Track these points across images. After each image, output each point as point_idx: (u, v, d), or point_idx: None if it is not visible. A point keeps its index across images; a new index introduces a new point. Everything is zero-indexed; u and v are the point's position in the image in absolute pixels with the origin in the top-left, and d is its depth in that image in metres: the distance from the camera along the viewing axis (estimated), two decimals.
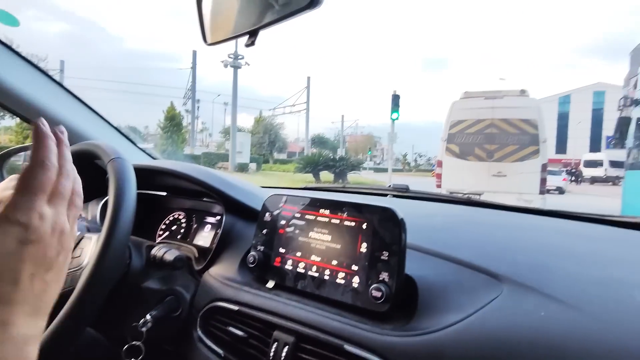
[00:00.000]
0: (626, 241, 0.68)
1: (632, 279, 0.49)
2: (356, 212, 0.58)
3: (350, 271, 0.56)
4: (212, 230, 0.86)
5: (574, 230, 0.75)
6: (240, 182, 0.86)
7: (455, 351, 0.45)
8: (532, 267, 0.53)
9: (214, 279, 0.70)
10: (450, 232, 0.71)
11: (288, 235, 0.64)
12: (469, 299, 0.50)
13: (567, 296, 0.46)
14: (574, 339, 0.41)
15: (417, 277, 0.54)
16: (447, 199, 1.11)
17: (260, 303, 0.61)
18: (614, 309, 0.44)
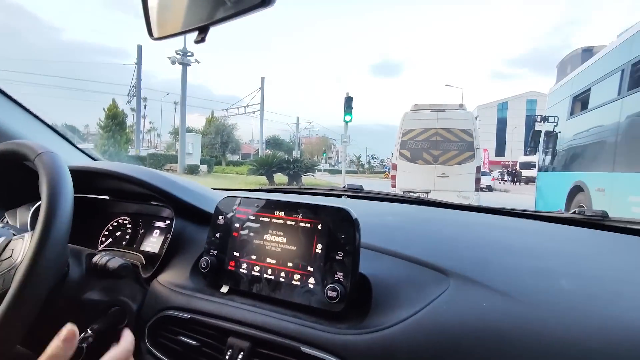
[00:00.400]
0: (554, 234, 0.76)
1: (559, 268, 0.55)
2: (311, 213, 0.58)
3: (306, 272, 0.56)
4: (161, 236, 0.81)
5: (510, 225, 0.82)
6: (190, 184, 0.83)
7: (408, 345, 0.47)
8: (476, 262, 0.56)
9: (164, 287, 0.66)
10: (402, 230, 0.74)
11: (242, 238, 0.62)
12: (420, 294, 0.52)
13: (506, 287, 0.50)
14: (512, 326, 0.45)
15: (370, 275, 0.56)
16: (399, 198, 1.15)
17: (213, 309, 0.59)
18: (545, 297, 0.48)
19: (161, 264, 0.71)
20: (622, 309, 0.45)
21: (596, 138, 4.42)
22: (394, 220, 0.80)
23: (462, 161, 6.45)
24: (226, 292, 0.62)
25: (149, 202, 0.88)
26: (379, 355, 0.48)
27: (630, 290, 0.48)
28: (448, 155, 6.53)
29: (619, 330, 0.42)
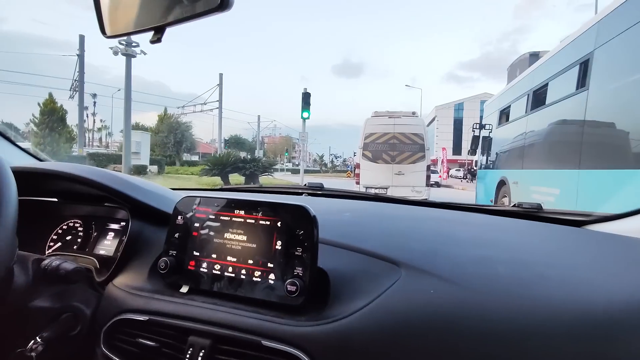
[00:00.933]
0: (495, 225, 0.83)
1: (497, 256, 0.61)
2: (271, 211, 0.60)
3: (266, 268, 0.57)
4: (116, 238, 0.79)
5: (458, 218, 0.88)
6: (147, 184, 0.81)
7: (363, 332, 0.50)
8: (425, 253, 0.61)
9: (120, 290, 0.65)
10: (358, 226, 0.78)
11: (202, 238, 0.63)
12: (374, 285, 0.55)
13: (450, 275, 0.55)
14: (455, 309, 0.50)
15: (329, 269, 0.58)
16: (357, 195, 1.19)
17: (172, 310, 0.59)
18: (484, 282, 0.54)
19: (117, 266, 0.69)
20: (546, 289, 0.51)
21: (513, 144, 5.53)
22: (351, 216, 0.83)
23: (415, 161, 7.52)
24: (186, 292, 0.62)
25: (102, 203, 0.84)
26: (337, 344, 0.50)
27: (554, 273, 0.55)
28: (403, 156, 7.56)
29: (542, 308, 0.48)
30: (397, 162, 7.55)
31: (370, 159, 7.65)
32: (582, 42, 3.55)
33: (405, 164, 7.53)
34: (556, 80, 4.17)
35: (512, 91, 5.86)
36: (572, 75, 3.70)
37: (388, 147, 7.60)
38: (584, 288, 0.51)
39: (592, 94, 3.26)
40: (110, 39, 0.55)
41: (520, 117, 5.28)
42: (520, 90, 5.36)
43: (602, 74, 3.20)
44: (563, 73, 3.97)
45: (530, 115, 4.88)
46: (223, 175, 12.52)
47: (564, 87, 3.90)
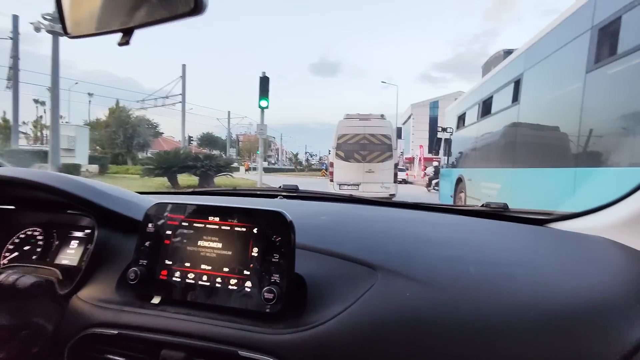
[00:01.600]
0: (465, 225, 0.86)
1: (468, 256, 0.63)
2: (246, 217, 0.59)
3: (242, 276, 0.56)
4: (81, 247, 0.75)
5: (429, 219, 0.91)
6: (113, 189, 0.77)
7: (341, 337, 0.51)
8: (400, 255, 0.62)
9: (85, 303, 0.61)
10: (334, 229, 0.78)
11: (175, 246, 0.61)
12: (351, 289, 0.56)
13: (424, 276, 0.56)
14: (429, 310, 0.51)
15: (306, 275, 0.58)
16: (332, 197, 1.20)
17: (143, 322, 0.57)
18: (455, 282, 0.55)
19: (82, 278, 0.65)
20: (513, 288, 0.54)
21: (468, 146, 6.31)
22: (328, 219, 0.84)
23: (384, 160, 8.25)
24: (158, 303, 0.59)
25: (64, 210, 0.80)
26: (315, 350, 0.50)
27: (520, 272, 0.58)
28: (373, 155, 8.26)
29: (510, 306, 0.50)
30: (368, 161, 8.22)
31: (343, 158, 8.29)
32: (516, 64, 4.40)
33: (375, 162, 8.21)
34: (497, 94, 4.98)
35: (467, 100, 6.66)
36: (508, 91, 4.52)
37: (359, 147, 8.27)
38: (546, 286, 0.54)
39: (523, 107, 4.08)
40: (74, 39, 0.52)
41: (473, 123, 6.02)
42: (473, 100, 6.12)
43: (529, 92, 4.00)
44: (502, 89, 4.76)
45: (480, 121, 5.65)
46: (170, 176, 10.99)
47: (503, 100, 4.70)
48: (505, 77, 4.72)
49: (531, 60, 3.99)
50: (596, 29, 2.83)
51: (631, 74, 2.45)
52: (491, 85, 5.27)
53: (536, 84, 3.94)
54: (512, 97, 4.38)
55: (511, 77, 4.47)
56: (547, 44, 3.69)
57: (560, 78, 3.47)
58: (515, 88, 4.27)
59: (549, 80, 3.71)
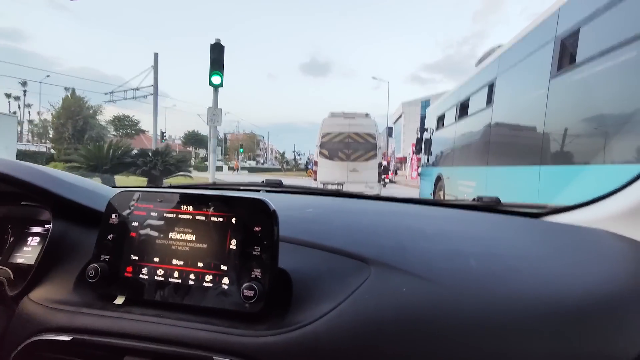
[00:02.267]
0: (459, 218, 0.82)
1: (467, 250, 0.58)
2: (224, 206, 0.52)
3: (219, 272, 0.50)
4: (40, 244, 0.66)
5: (421, 213, 0.86)
6: (74, 178, 0.69)
7: (330, 339, 0.45)
8: (394, 249, 0.57)
9: (37, 305, 0.53)
10: (322, 222, 0.72)
11: (142, 239, 0.53)
12: (341, 285, 0.50)
13: (422, 271, 0.51)
14: (429, 307, 0.46)
15: (291, 270, 0.52)
16: (318, 191, 1.14)
17: (104, 326, 0.49)
18: (456, 277, 0.51)
19: (34, 277, 0.57)
20: (519, 282, 0.49)
21: (446, 146, 6.49)
22: (314, 212, 0.78)
23: (368, 159, 8.06)
24: (122, 304, 0.52)
25: (18, 202, 0.71)
26: (301, 354, 0.44)
27: (524, 265, 0.54)
28: (357, 154, 8.08)
29: (517, 302, 0.46)
30: (352, 160, 8.06)
31: (327, 156, 8.11)
32: (490, 69, 4.62)
33: (359, 161, 8.05)
34: (474, 97, 5.20)
35: (446, 101, 6.81)
36: (483, 94, 4.72)
37: (343, 145, 8.10)
38: (554, 280, 0.50)
39: (495, 109, 4.31)
40: None
41: (451, 124, 6.23)
42: (451, 102, 6.31)
43: (501, 95, 4.25)
44: (478, 92, 4.98)
45: (458, 122, 5.87)
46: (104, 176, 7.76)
47: (479, 102, 4.91)
48: (480, 80, 4.97)
49: (503, 66, 4.23)
50: (558, 40, 3.03)
51: (589, 80, 2.65)
52: (468, 89, 5.49)
53: (507, 88, 4.19)
54: (486, 100, 4.60)
55: (485, 81, 4.70)
56: (517, 52, 3.94)
57: (527, 83, 3.70)
58: (489, 91, 4.50)
59: (518, 85, 3.95)
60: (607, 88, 2.51)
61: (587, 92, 2.70)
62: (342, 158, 8.08)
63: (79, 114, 23.95)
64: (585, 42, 2.73)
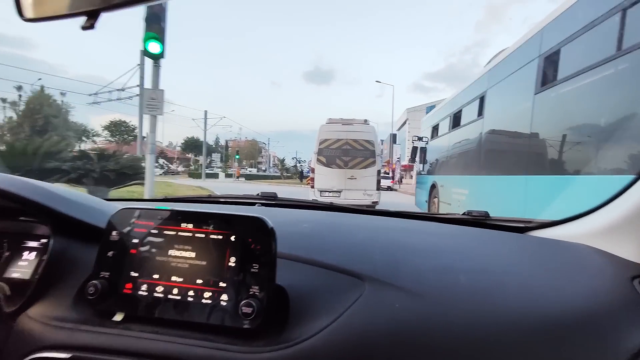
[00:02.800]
0: (449, 233, 0.84)
1: (457, 265, 0.60)
2: (224, 224, 0.54)
3: (218, 288, 0.51)
4: (36, 258, 0.67)
5: (413, 228, 0.89)
6: (73, 194, 0.70)
7: (327, 354, 0.46)
8: (387, 264, 0.59)
9: (35, 322, 0.54)
10: (317, 238, 0.74)
11: (142, 256, 0.55)
12: (337, 301, 0.52)
13: (414, 286, 0.53)
14: (420, 322, 0.48)
15: (288, 286, 0.54)
16: (312, 205, 1.16)
17: (103, 343, 0.50)
18: (446, 292, 0.53)
19: (33, 293, 0.57)
20: (506, 298, 0.52)
21: (441, 155, 6.76)
22: (309, 227, 0.80)
23: (367, 166, 7.91)
24: (121, 321, 0.53)
25: (16, 218, 0.71)
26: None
27: (511, 280, 0.56)
28: (356, 161, 7.94)
29: (503, 317, 0.48)
30: (350, 167, 7.90)
31: (325, 163, 7.95)
32: (480, 83, 4.92)
33: (357, 169, 7.90)
34: (466, 109, 5.47)
35: (440, 112, 7.10)
36: (474, 107, 5.00)
37: (341, 152, 7.96)
38: (538, 294, 0.53)
39: (487, 119, 4.57)
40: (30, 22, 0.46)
41: (445, 134, 6.48)
42: (445, 112, 6.55)
43: (492, 107, 4.52)
44: (470, 104, 5.25)
45: (451, 133, 6.10)
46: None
47: (470, 114, 5.21)
48: (471, 93, 5.22)
49: (492, 80, 4.49)
50: (542, 58, 3.27)
51: (570, 95, 2.87)
52: (460, 100, 5.76)
53: (496, 101, 4.46)
54: (477, 112, 4.88)
55: (476, 94, 4.98)
56: (505, 68, 4.18)
57: (514, 97, 3.95)
58: (480, 104, 4.79)
59: (506, 99, 4.22)
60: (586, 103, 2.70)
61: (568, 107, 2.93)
62: (340, 165, 7.92)
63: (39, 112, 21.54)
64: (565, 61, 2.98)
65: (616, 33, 2.36)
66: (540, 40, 3.29)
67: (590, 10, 2.62)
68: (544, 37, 3.25)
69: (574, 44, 2.81)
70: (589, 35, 2.62)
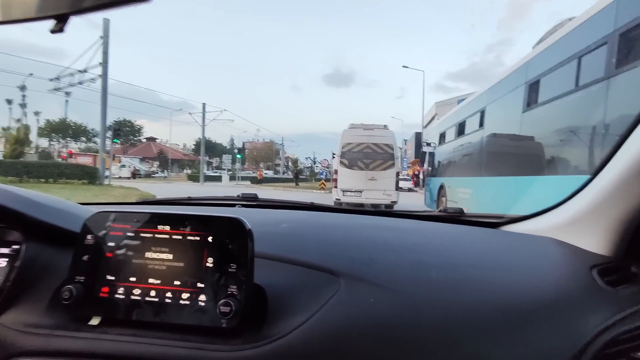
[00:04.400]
0: (425, 230, 0.87)
1: (430, 260, 0.63)
2: (201, 225, 0.54)
3: (196, 289, 0.52)
4: (7, 265, 0.65)
5: (391, 225, 0.91)
6: (46, 198, 0.69)
7: (304, 349, 0.48)
8: (363, 261, 0.61)
9: (8, 329, 0.53)
10: (295, 237, 0.75)
11: (119, 259, 0.54)
12: (314, 298, 0.53)
13: (388, 281, 0.55)
14: (394, 316, 0.50)
15: (266, 285, 0.55)
16: (293, 205, 1.17)
17: (80, 347, 0.50)
18: (419, 287, 0.55)
19: (5, 300, 0.56)
20: (474, 290, 0.54)
21: (448, 159, 7.64)
22: (288, 227, 0.81)
23: (386, 168, 8.57)
24: (98, 324, 0.53)
25: None
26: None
27: (478, 273, 0.59)
28: (376, 164, 8.60)
29: (470, 308, 0.51)
30: (370, 169, 8.57)
31: (347, 165, 8.63)
32: (481, 99, 5.84)
33: (377, 170, 8.57)
34: (468, 120, 6.39)
35: (446, 121, 8.08)
36: (476, 119, 5.93)
37: (362, 155, 8.64)
38: (503, 286, 0.56)
39: (486, 130, 5.52)
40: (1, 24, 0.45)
41: (451, 141, 7.30)
42: (451, 122, 7.51)
43: (491, 120, 5.45)
44: (472, 116, 6.17)
45: (458, 139, 6.92)
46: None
47: (472, 125, 6.13)
48: (473, 108, 6.14)
49: (491, 98, 5.40)
50: (528, 84, 4.20)
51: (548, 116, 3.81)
52: (464, 113, 6.73)
53: (494, 115, 5.37)
54: (479, 123, 5.78)
55: (478, 108, 5.87)
56: (500, 89, 5.10)
57: (507, 114, 4.80)
58: (481, 117, 5.69)
59: (502, 114, 5.10)
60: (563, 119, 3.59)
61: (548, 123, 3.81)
62: (362, 167, 8.57)
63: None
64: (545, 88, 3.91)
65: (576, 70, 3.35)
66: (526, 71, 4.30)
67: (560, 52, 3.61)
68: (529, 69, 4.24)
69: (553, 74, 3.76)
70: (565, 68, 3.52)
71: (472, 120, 6.13)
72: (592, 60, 3.12)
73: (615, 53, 2.84)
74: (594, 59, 3.09)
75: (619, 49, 2.81)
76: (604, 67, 2.93)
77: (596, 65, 3.03)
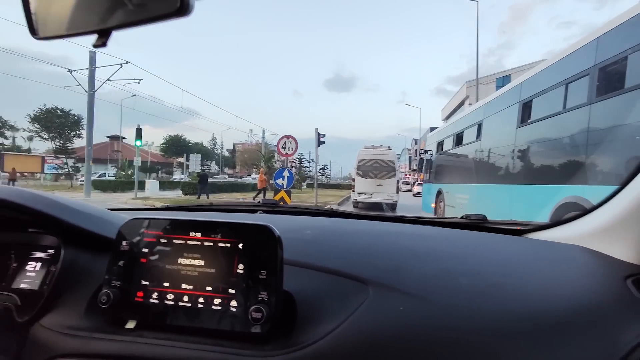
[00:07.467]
0: (448, 237, 0.86)
1: (457, 268, 0.62)
2: (231, 232, 0.55)
3: (227, 295, 0.53)
4: (43, 269, 0.68)
5: (413, 232, 0.91)
6: (82, 205, 0.71)
7: (333, 357, 0.48)
8: (390, 269, 0.61)
9: (49, 331, 0.55)
10: (320, 243, 0.76)
11: (152, 264, 0.56)
12: (342, 305, 0.53)
13: (416, 289, 0.55)
14: (424, 325, 0.50)
15: (294, 291, 0.55)
16: (312, 211, 1.18)
17: (118, 350, 0.51)
18: (448, 295, 0.55)
19: (45, 303, 0.59)
20: (503, 299, 0.53)
21: (445, 166, 8.58)
22: (312, 234, 0.81)
23: (389, 177, 12.54)
24: (133, 328, 0.54)
25: (24, 229, 0.72)
26: None
27: (508, 282, 0.58)
28: (382, 174, 12.54)
29: (501, 317, 0.50)
30: (378, 178, 12.49)
31: (362, 175, 12.61)
32: (478, 113, 6.47)
33: (383, 179, 12.50)
34: (466, 132, 7.09)
35: (444, 131, 9.04)
36: (473, 130, 6.62)
37: (373, 168, 12.58)
38: (536, 295, 0.55)
39: (483, 141, 6.14)
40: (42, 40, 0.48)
41: (449, 149, 8.18)
42: (448, 132, 8.35)
43: (487, 132, 6.07)
44: (469, 128, 6.87)
45: (455, 148, 7.73)
46: None
47: (470, 136, 6.81)
48: (471, 120, 6.87)
49: (487, 112, 6.05)
50: (521, 103, 4.81)
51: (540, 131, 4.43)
52: (461, 124, 7.46)
53: (490, 128, 6.00)
54: (475, 135, 6.47)
55: (475, 120, 6.53)
56: (495, 105, 5.78)
57: (503, 128, 5.40)
58: (478, 129, 6.39)
59: (497, 127, 5.73)
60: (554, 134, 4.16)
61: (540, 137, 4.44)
62: (372, 176, 12.49)
63: None
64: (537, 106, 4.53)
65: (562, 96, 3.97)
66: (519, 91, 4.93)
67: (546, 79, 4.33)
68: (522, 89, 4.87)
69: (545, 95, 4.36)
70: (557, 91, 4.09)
71: (471, 131, 6.81)
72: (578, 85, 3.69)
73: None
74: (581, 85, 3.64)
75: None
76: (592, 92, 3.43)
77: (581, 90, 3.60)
